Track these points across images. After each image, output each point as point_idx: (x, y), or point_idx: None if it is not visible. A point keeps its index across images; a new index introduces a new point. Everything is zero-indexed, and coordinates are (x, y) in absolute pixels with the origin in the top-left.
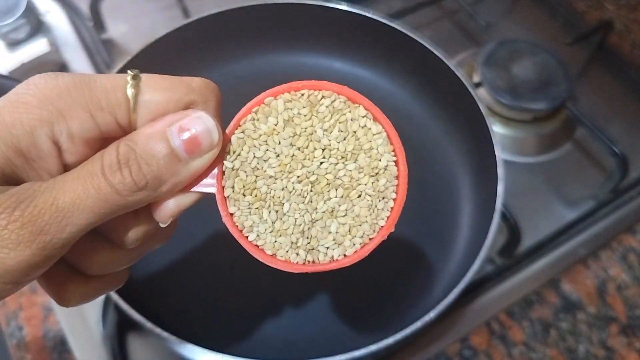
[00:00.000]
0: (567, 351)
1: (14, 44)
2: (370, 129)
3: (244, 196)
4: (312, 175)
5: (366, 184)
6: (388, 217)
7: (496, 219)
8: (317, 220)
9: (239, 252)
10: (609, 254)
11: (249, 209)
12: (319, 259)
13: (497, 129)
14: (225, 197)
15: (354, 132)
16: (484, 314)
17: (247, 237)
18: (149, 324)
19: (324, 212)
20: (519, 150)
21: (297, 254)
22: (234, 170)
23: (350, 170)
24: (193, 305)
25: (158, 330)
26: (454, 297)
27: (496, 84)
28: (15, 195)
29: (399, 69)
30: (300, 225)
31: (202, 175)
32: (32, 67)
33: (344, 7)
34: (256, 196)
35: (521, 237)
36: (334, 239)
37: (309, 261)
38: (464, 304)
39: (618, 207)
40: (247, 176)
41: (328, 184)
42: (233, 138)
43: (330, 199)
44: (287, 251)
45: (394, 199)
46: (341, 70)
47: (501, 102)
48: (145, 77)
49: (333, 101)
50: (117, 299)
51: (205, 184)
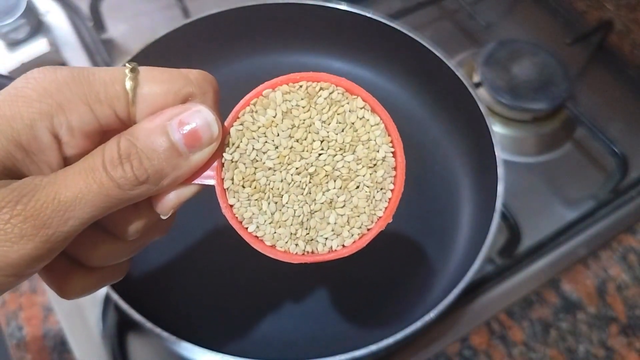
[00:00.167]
0: (567, 351)
1: (14, 44)
2: (368, 120)
3: (244, 188)
4: (311, 167)
5: (364, 175)
6: (386, 208)
7: (496, 219)
8: (315, 212)
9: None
10: (609, 254)
11: (248, 200)
12: (317, 249)
13: (497, 129)
14: (224, 189)
15: (352, 123)
16: (484, 314)
17: (246, 228)
18: (149, 324)
19: (322, 203)
20: (519, 150)
21: (297, 244)
22: (233, 162)
23: (349, 162)
24: (193, 305)
25: (158, 330)
26: (454, 297)
27: (496, 84)
28: (17, 190)
29: (399, 69)
30: (299, 216)
31: (203, 168)
32: (32, 67)
33: (344, 7)
34: (255, 188)
35: (521, 237)
36: (332, 230)
37: (308, 252)
38: (464, 304)
39: (618, 207)
40: (246, 168)
41: (326, 176)
42: (232, 130)
43: (328, 190)
44: (286, 242)
45: (391, 190)
46: (341, 70)
47: (501, 102)
48: (144, 70)
49: (331, 93)
50: (117, 299)
51: (205, 176)
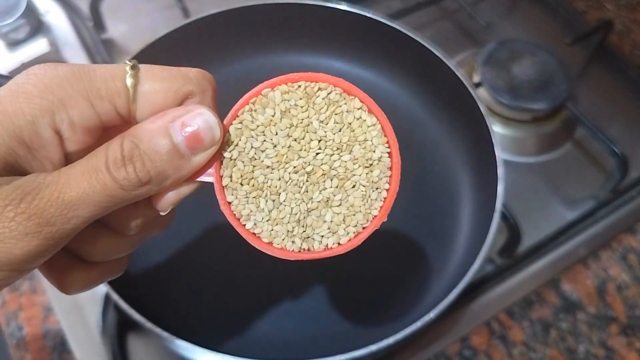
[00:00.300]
0: (567, 351)
1: (14, 44)
2: (365, 120)
3: (242, 185)
4: (308, 166)
5: (360, 175)
6: (381, 207)
7: (496, 219)
8: (312, 210)
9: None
10: (609, 254)
11: (246, 198)
12: (314, 247)
13: (497, 129)
14: (223, 187)
15: (349, 123)
16: (484, 314)
17: (244, 225)
18: (149, 324)
19: (319, 201)
20: (519, 150)
21: (293, 242)
22: (231, 160)
23: (345, 161)
24: (193, 305)
25: (158, 330)
26: (454, 297)
27: (496, 84)
28: (20, 188)
29: (399, 69)
30: (296, 214)
31: (203, 169)
32: None
33: (344, 7)
34: (253, 185)
35: (521, 237)
36: (328, 228)
37: (304, 249)
38: (464, 304)
39: (618, 207)
40: (244, 166)
41: (323, 175)
42: (231, 128)
43: (325, 189)
44: (283, 239)
45: (387, 190)
46: (341, 70)
47: (501, 102)
48: (144, 68)
49: (329, 93)
50: (117, 299)
51: (204, 174)
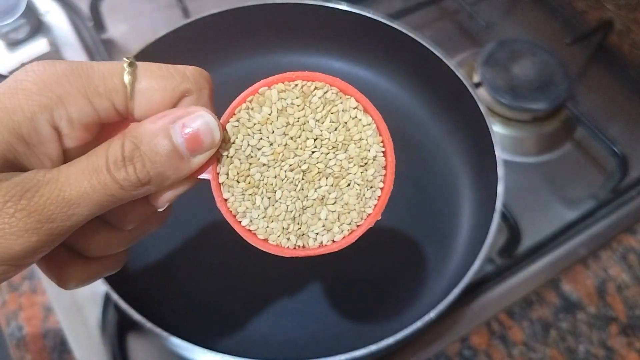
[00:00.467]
0: (567, 351)
1: (14, 44)
2: (360, 120)
3: (238, 183)
4: (304, 164)
5: (355, 174)
6: (375, 205)
7: (496, 219)
8: (307, 207)
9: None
10: (609, 254)
11: (242, 195)
12: (308, 244)
13: (497, 129)
14: (219, 184)
15: (345, 123)
16: (484, 314)
17: (240, 222)
18: (149, 324)
19: (314, 199)
20: (519, 150)
21: (288, 239)
22: (228, 157)
23: (341, 160)
24: (193, 305)
25: (158, 330)
26: (454, 297)
27: (496, 84)
28: (20, 184)
29: (399, 69)
30: (292, 211)
31: (201, 169)
32: None
33: (344, 7)
34: (250, 183)
35: (521, 237)
36: (323, 226)
37: (299, 246)
38: (464, 304)
39: (618, 207)
40: (241, 163)
41: (319, 173)
42: (228, 126)
43: (320, 187)
44: (278, 236)
45: (381, 188)
46: (341, 70)
47: (501, 102)
48: (141, 65)
49: (325, 92)
50: (117, 299)
51: None
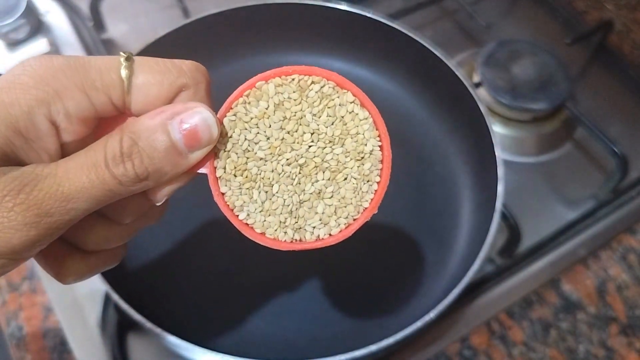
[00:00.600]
0: (567, 351)
1: (14, 44)
2: (357, 114)
3: (235, 177)
4: (301, 158)
5: (352, 168)
6: (372, 199)
7: (496, 219)
8: (304, 201)
9: (240, 254)
10: (609, 254)
11: (239, 189)
12: (305, 237)
13: (497, 129)
14: (217, 178)
15: (342, 117)
16: (484, 314)
17: (237, 216)
18: (149, 324)
19: (311, 193)
20: (519, 150)
21: (285, 232)
22: (225, 151)
23: (337, 154)
24: (193, 305)
25: (158, 330)
26: (454, 297)
27: (496, 84)
28: (18, 179)
29: (399, 69)
30: (289, 205)
31: (199, 165)
32: None
33: (344, 7)
34: (247, 177)
35: (521, 237)
36: (320, 219)
37: (296, 239)
38: (464, 304)
39: (618, 207)
40: (238, 158)
41: (316, 167)
42: (225, 120)
43: (317, 181)
44: (275, 230)
45: (378, 182)
46: (341, 70)
47: (501, 102)
48: (138, 60)
49: (322, 86)
50: (117, 299)
51: None
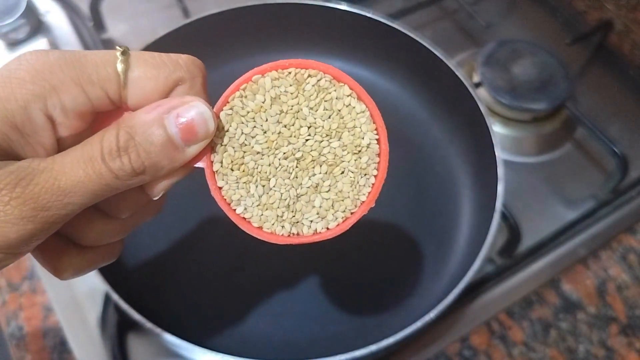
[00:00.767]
0: (567, 351)
1: (14, 44)
2: (354, 107)
3: (232, 171)
4: (298, 152)
5: (349, 161)
6: (369, 192)
7: (496, 219)
8: (301, 195)
9: (240, 253)
10: (609, 254)
11: (236, 183)
12: (303, 231)
13: (497, 129)
14: (214, 172)
15: (339, 110)
16: (484, 314)
17: (234, 210)
18: (149, 324)
19: (308, 187)
20: (519, 150)
21: (283, 226)
22: (222, 146)
23: (334, 148)
24: (193, 306)
25: (158, 330)
26: (454, 297)
27: (496, 84)
28: (14, 173)
29: (399, 69)
30: (286, 199)
31: (196, 159)
32: None
33: (344, 7)
34: (244, 171)
35: (521, 237)
36: (317, 213)
37: (293, 233)
38: (464, 304)
39: (618, 207)
40: (235, 152)
41: (313, 161)
42: (222, 115)
43: (314, 174)
44: (272, 224)
45: (375, 176)
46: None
47: (501, 102)
48: (134, 54)
49: (319, 80)
50: (117, 299)
51: None
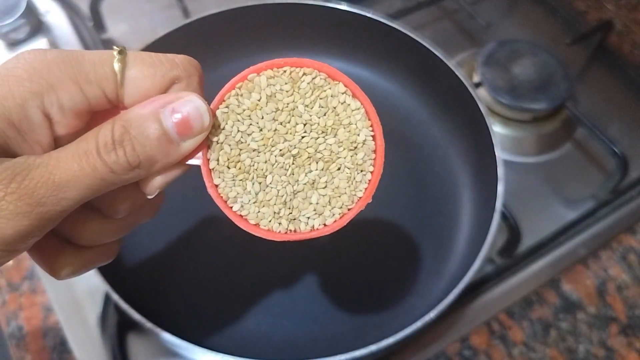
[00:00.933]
0: (567, 351)
1: (14, 44)
2: (349, 104)
3: (229, 168)
4: (294, 149)
5: (345, 158)
6: (366, 189)
7: (496, 219)
8: (298, 192)
9: (240, 253)
10: (609, 254)
11: (233, 180)
12: (300, 228)
13: (497, 129)
14: (210, 170)
15: (334, 107)
16: (484, 314)
17: (231, 207)
18: (149, 324)
19: (305, 184)
20: (519, 150)
21: (280, 223)
22: (218, 143)
23: (330, 144)
24: (193, 306)
25: (158, 330)
26: (454, 297)
27: (496, 84)
28: (10, 169)
29: (399, 69)
30: (283, 196)
31: (191, 155)
32: None
33: (344, 7)
34: (240, 168)
35: (521, 237)
36: (314, 210)
37: (290, 230)
38: (464, 304)
39: (618, 207)
40: (231, 149)
41: (309, 157)
42: (217, 112)
43: (311, 171)
44: (269, 221)
45: (371, 172)
46: (341, 70)
47: (501, 102)
48: (131, 53)
49: (314, 78)
50: (117, 299)
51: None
